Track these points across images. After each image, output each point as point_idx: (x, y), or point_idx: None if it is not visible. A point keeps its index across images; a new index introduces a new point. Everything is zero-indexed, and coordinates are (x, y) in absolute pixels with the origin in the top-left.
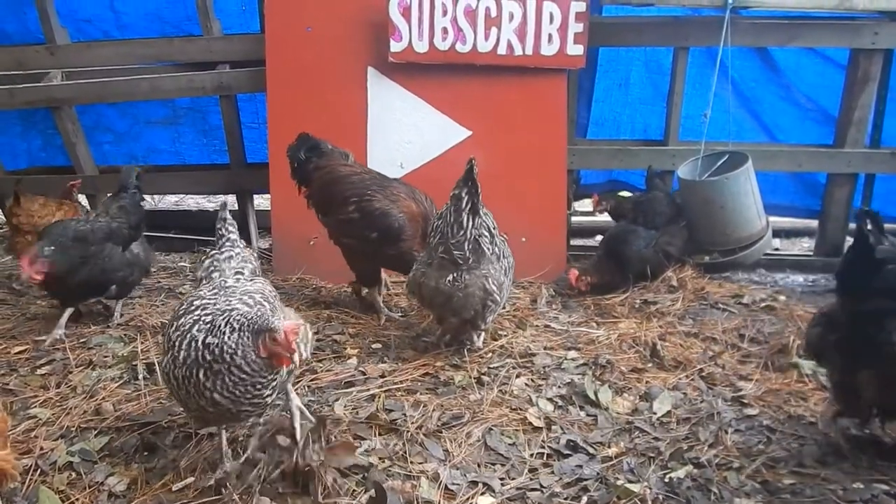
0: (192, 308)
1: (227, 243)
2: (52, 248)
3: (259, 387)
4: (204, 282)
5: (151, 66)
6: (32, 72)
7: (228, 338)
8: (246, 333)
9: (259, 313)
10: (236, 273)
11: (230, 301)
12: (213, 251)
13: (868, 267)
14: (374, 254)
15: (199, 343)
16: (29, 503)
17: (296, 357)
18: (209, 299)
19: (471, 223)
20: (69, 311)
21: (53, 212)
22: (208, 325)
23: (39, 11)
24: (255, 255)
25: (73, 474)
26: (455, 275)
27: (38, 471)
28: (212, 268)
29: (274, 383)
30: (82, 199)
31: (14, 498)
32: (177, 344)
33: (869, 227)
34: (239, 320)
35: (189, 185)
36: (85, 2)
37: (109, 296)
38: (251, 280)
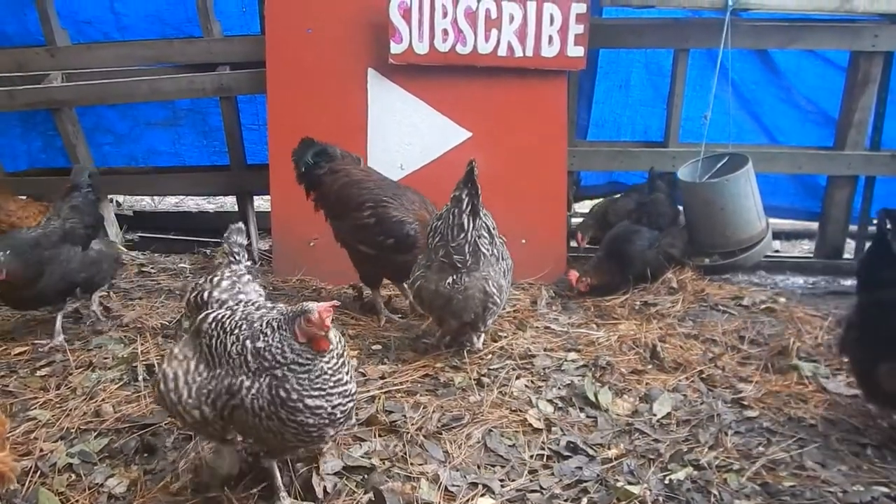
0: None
1: (241, 271)
2: (6, 253)
3: (330, 372)
4: (230, 303)
5: (151, 68)
6: (33, 73)
7: (272, 339)
8: (284, 327)
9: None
10: (259, 296)
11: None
12: (228, 273)
13: (887, 263)
14: (385, 260)
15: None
16: None
17: (331, 335)
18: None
19: (471, 226)
20: (61, 314)
21: (34, 214)
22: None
23: (40, 13)
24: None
25: (73, 476)
26: (455, 277)
27: (38, 472)
28: (235, 289)
29: (345, 368)
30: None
31: (14, 500)
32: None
33: (889, 225)
34: (276, 318)
35: (189, 187)
36: (85, 3)
37: (76, 297)
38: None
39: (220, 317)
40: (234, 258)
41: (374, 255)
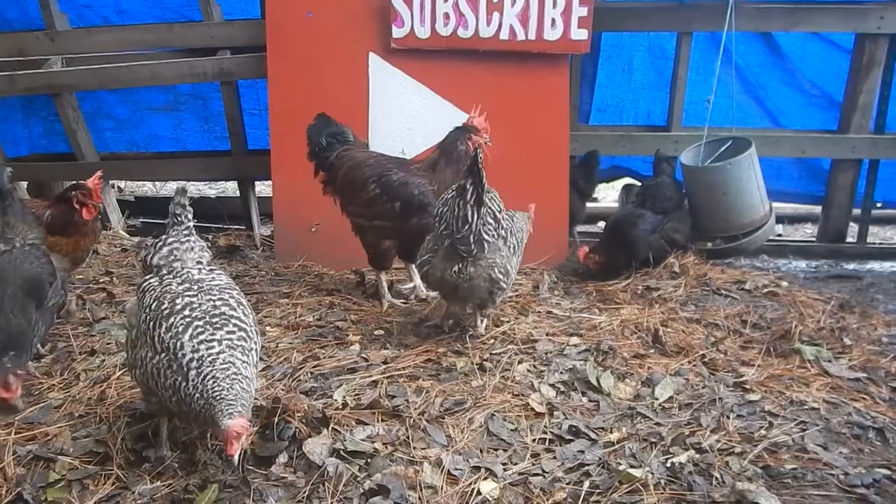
0: (179, 307)
1: (185, 231)
2: None
3: None
4: (164, 271)
5: (152, 52)
6: (33, 58)
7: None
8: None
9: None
10: (197, 263)
11: (213, 301)
12: (171, 238)
13: None
14: (401, 229)
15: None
16: (34, 489)
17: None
18: (191, 297)
19: (475, 216)
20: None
21: None
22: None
23: None
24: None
25: (77, 461)
26: (460, 266)
27: (43, 459)
28: (172, 257)
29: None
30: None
31: (23, 484)
32: (171, 347)
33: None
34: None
35: (191, 172)
36: None
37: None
38: (212, 272)
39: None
40: (176, 219)
41: (390, 226)
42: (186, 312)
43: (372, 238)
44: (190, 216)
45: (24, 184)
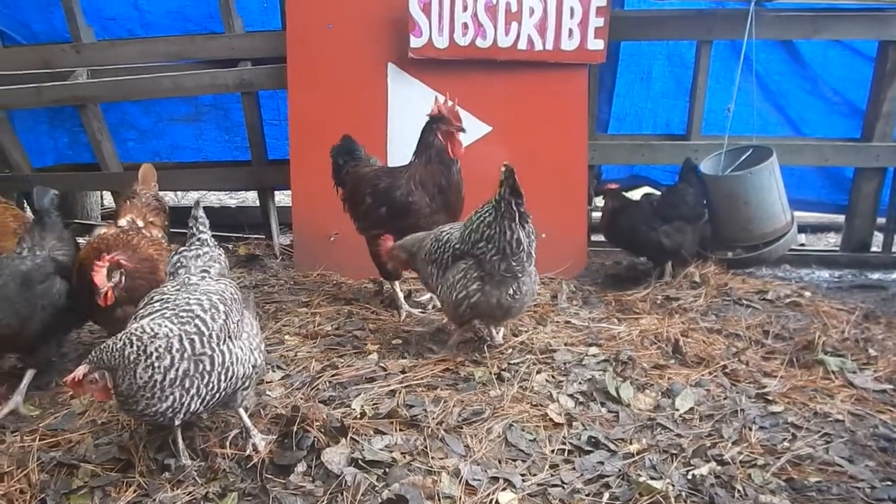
0: (154, 300)
1: (197, 241)
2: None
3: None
4: (170, 278)
5: (174, 64)
6: (59, 70)
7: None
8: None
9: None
10: (202, 271)
11: (188, 299)
12: (182, 248)
13: None
14: (392, 232)
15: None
16: (57, 495)
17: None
18: (170, 295)
19: (524, 235)
20: (31, 373)
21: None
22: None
23: (66, 10)
24: (225, 257)
25: (99, 468)
26: (515, 287)
27: (66, 465)
28: (178, 264)
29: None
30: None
31: (46, 489)
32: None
33: None
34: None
35: (211, 182)
36: (110, 0)
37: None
38: (217, 280)
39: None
40: (190, 230)
41: (384, 232)
42: (157, 306)
43: (374, 248)
44: (203, 227)
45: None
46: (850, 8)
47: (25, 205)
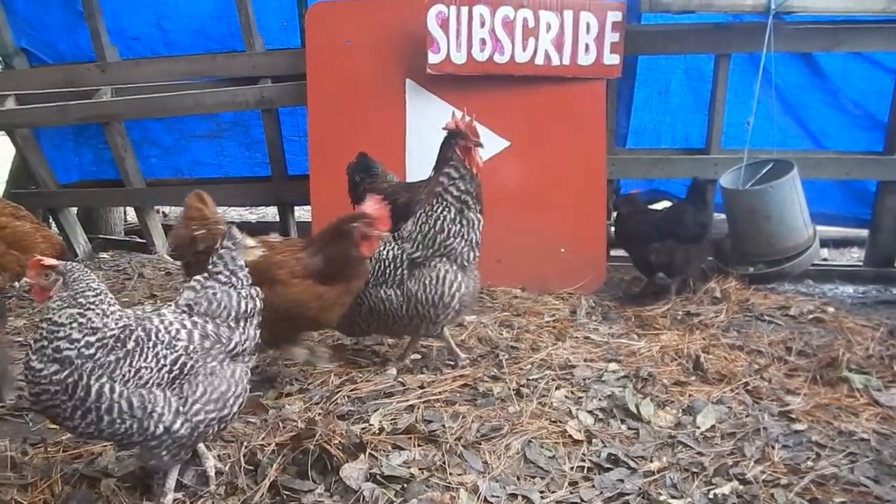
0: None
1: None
2: None
3: None
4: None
5: (196, 82)
6: (84, 89)
7: None
8: None
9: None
10: (186, 305)
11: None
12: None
13: None
14: None
15: None
16: None
17: None
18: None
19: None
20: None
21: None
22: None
23: (91, 30)
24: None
25: (119, 482)
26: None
27: (88, 478)
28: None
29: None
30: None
31: (70, 502)
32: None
33: None
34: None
35: (232, 198)
36: (134, 20)
37: None
38: (181, 317)
39: None
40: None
41: None
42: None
43: None
44: (218, 261)
45: (74, 209)
46: (871, 20)
47: (51, 220)
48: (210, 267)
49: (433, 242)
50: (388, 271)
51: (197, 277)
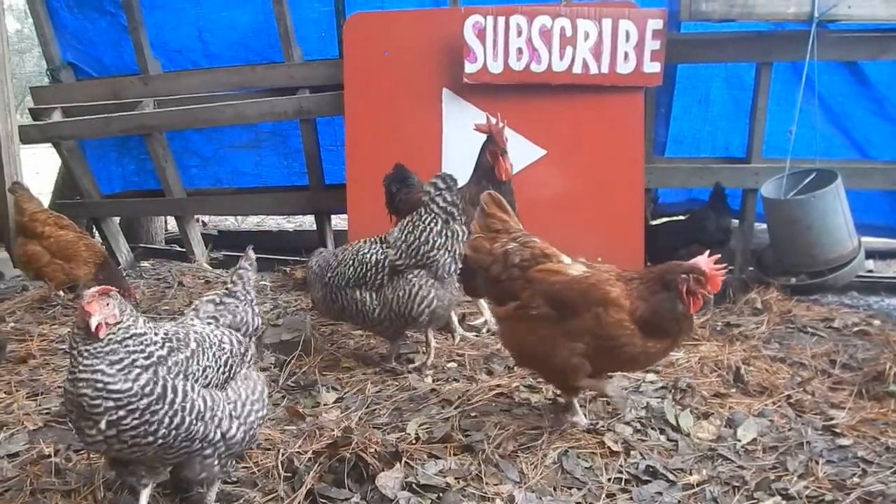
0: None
1: (224, 290)
2: None
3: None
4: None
5: (236, 93)
6: (127, 101)
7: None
8: None
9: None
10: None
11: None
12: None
13: None
14: None
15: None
16: None
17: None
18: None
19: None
20: None
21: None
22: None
23: (134, 44)
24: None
25: (158, 490)
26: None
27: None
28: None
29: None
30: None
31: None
32: None
33: None
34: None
35: (270, 207)
36: (176, 34)
37: None
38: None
39: None
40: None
41: None
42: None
43: None
44: (236, 279)
45: (117, 219)
46: None
47: (94, 230)
48: (230, 285)
49: (417, 253)
50: (368, 274)
51: (215, 293)
